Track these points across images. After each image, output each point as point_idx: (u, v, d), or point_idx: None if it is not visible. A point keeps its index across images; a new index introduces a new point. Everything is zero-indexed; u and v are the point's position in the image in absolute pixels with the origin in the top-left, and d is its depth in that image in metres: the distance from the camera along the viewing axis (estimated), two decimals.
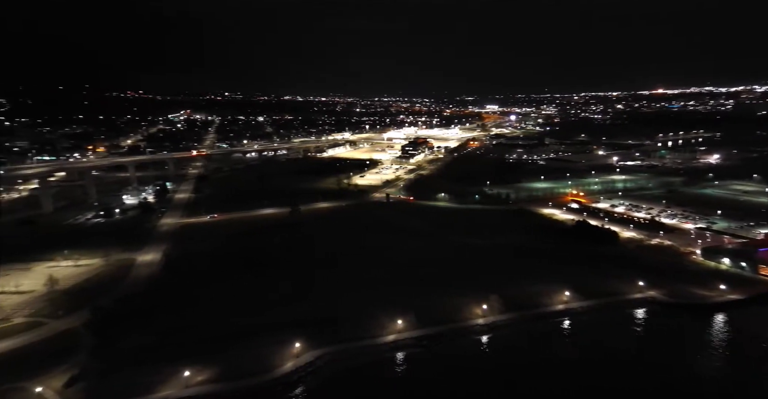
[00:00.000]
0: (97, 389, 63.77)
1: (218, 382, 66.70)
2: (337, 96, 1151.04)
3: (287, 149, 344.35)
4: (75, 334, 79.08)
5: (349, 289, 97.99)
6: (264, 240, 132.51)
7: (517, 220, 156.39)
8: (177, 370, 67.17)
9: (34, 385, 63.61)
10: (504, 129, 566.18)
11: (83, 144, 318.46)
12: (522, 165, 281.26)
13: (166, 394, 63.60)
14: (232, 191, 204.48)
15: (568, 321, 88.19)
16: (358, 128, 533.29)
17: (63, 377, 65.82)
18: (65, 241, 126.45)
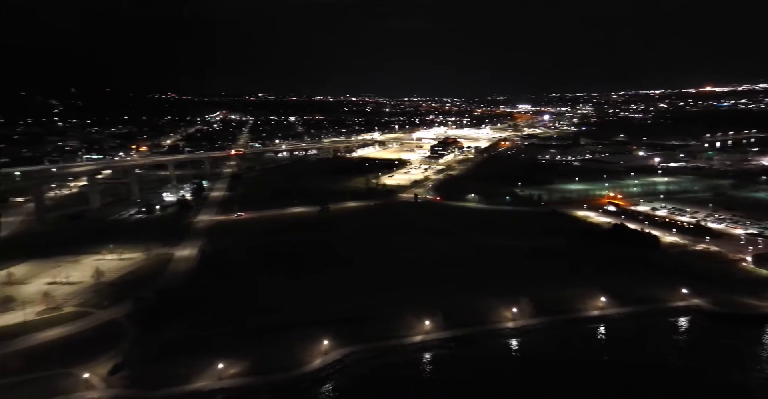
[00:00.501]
0: (139, 377, 67.13)
1: (250, 375, 68.72)
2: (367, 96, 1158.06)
3: (317, 149, 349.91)
4: (119, 324, 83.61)
5: (376, 289, 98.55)
6: (294, 238, 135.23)
7: (550, 222, 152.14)
8: (211, 362, 69.72)
9: (81, 371, 67.72)
10: (537, 129, 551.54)
11: (128, 143, 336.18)
12: (555, 166, 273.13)
13: (201, 385, 66.17)
14: (264, 190, 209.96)
15: (603, 327, 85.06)
16: (388, 128, 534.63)
17: (108, 365, 69.72)
18: (110, 236, 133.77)
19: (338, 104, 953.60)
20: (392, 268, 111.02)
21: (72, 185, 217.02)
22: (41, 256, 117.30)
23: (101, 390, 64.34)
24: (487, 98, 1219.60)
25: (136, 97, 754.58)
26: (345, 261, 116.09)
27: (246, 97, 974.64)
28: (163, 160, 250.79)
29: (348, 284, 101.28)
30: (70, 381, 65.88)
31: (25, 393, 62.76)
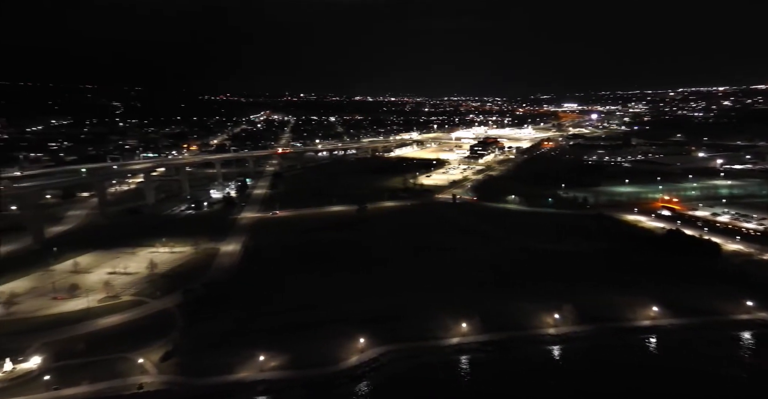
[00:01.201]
0: (187, 365, 71.03)
1: (288, 368, 70.88)
2: (406, 96, 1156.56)
3: (356, 149, 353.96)
4: (170, 314, 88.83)
5: (412, 289, 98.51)
6: (332, 236, 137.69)
7: (596, 225, 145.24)
8: (253, 354, 72.53)
9: (136, 357, 72.75)
10: (583, 128, 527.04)
11: (180, 143, 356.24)
12: (603, 167, 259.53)
13: (243, 376, 69.03)
14: (304, 188, 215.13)
15: (654, 338, 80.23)
16: (426, 128, 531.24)
17: (159, 351, 74.35)
18: (163, 230, 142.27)
19: (377, 104, 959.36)
20: (428, 268, 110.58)
21: (130, 182, 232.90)
22: (103, 247, 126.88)
23: (154, 375, 68.69)
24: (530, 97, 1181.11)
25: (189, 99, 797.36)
26: (381, 260, 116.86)
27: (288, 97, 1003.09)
28: (210, 158, 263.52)
29: (384, 283, 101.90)
30: (127, 365, 70.89)
31: (89, 374, 68.14)
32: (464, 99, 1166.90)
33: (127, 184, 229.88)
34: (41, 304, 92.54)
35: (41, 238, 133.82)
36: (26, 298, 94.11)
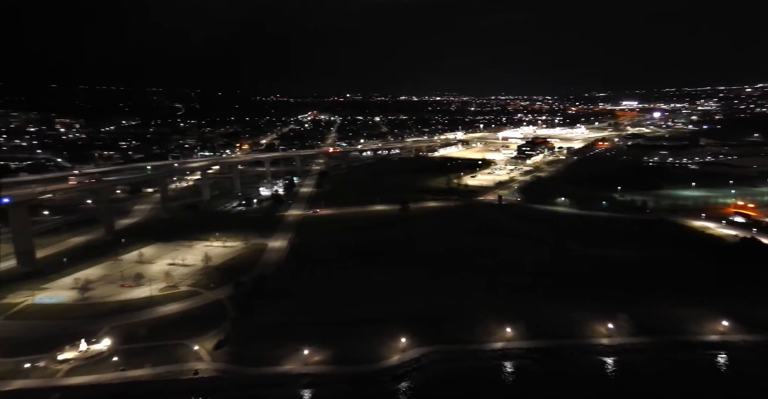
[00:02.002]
0: (238, 355, 74.78)
1: (331, 364, 72.67)
2: (452, 95, 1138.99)
3: (400, 148, 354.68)
4: (222, 305, 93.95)
5: (454, 290, 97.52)
6: (374, 235, 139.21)
7: (656, 231, 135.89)
8: (298, 348, 75.00)
9: (192, 344, 77.66)
10: (644, 128, 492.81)
11: (233, 142, 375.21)
12: (665, 169, 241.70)
13: (289, 368, 71.69)
14: (349, 187, 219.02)
15: (723, 356, 73.97)
16: (472, 127, 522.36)
17: (213, 340, 78.86)
18: (217, 225, 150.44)
19: (422, 104, 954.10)
20: (471, 270, 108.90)
21: (189, 179, 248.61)
22: (164, 239, 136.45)
23: (208, 362, 73.01)
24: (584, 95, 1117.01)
25: (243, 100, 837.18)
26: (423, 260, 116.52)
27: (334, 97, 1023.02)
28: (260, 157, 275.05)
29: (426, 283, 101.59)
30: (184, 351, 75.89)
31: (151, 358, 73.76)
32: (512, 98, 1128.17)
33: (186, 181, 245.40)
34: (111, 290, 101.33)
35: (112, 229, 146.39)
36: (99, 285, 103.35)
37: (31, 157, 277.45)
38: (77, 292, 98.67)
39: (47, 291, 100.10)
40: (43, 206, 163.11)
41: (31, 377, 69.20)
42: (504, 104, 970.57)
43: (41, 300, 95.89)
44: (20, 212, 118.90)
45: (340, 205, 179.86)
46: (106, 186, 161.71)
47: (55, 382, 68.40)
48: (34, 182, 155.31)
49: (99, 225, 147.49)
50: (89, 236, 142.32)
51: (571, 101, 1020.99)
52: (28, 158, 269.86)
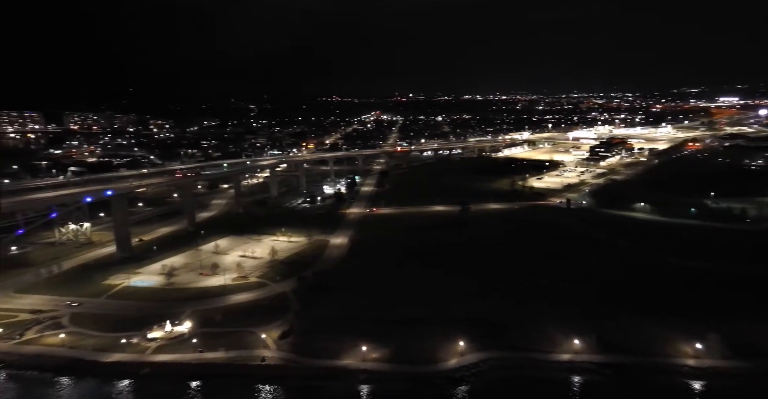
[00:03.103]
0: (301, 345, 78.78)
1: (389, 362, 73.88)
2: (518, 94, 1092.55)
3: (462, 148, 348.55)
4: (286, 297, 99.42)
5: (516, 296, 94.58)
6: (434, 235, 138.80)
7: (758, 244, 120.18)
8: (356, 344, 77.15)
9: (260, 332, 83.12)
10: (745, 127, 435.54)
11: (300, 141, 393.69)
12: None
13: (347, 363, 74.09)
14: (409, 187, 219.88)
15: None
16: (539, 127, 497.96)
17: (278, 330, 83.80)
18: (283, 221, 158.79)
19: (486, 103, 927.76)
20: (535, 275, 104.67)
21: (259, 176, 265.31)
22: (237, 232, 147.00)
23: (274, 351, 77.79)
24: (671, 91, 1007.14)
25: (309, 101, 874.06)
26: (483, 263, 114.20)
27: (397, 97, 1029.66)
28: (324, 156, 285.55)
29: (485, 287, 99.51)
30: (253, 338, 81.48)
31: (224, 342, 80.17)
32: (585, 96, 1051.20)
33: (257, 178, 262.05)
34: (192, 277, 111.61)
35: (193, 222, 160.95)
36: (181, 272, 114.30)
37: (129, 154, 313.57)
38: (164, 278, 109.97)
39: (140, 275, 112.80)
40: (137, 199, 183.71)
41: (126, 351, 78.65)
42: (576, 102, 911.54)
43: (135, 283, 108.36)
44: (120, 204, 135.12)
45: (400, 205, 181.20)
46: (190, 182, 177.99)
47: (145, 357, 77.10)
48: (131, 177, 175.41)
49: (182, 217, 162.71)
50: (174, 227, 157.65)
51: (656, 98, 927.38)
52: (126, 155, 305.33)
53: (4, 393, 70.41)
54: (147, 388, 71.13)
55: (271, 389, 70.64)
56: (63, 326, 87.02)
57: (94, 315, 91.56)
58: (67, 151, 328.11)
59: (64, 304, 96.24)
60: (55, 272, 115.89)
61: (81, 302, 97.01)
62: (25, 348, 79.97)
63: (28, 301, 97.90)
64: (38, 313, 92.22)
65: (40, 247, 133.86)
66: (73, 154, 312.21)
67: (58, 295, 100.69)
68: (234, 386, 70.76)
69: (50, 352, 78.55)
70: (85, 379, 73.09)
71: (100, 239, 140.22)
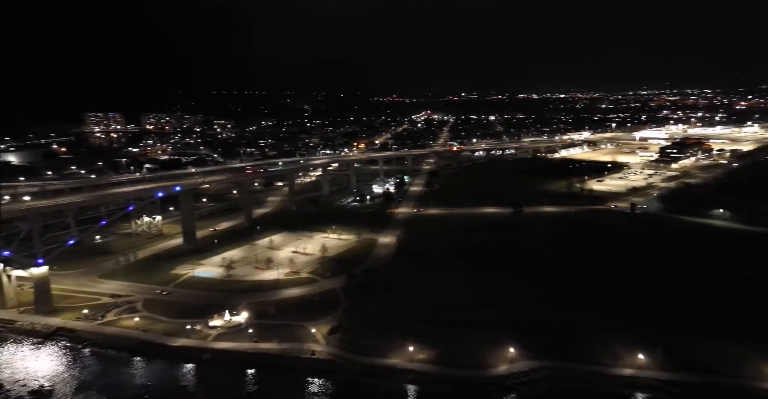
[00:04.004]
0: (349, 342, 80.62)
1: (436, 364, 73.52)
2: (579, 92, 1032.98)
3: (516, 149, 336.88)
4: (335, 294, 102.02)
5: (573, 304, 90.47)
6: (484, 237, 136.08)
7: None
8: (403, 344, 77.54)
9: (310, 326, 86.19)
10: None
11: (351, 141, 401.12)
12: None
13: (394, 362, 74.72)
14: (459, 187, 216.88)
15: None
16: (601, 127, 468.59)
17: (327, 325, 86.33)
18: (333, 218, 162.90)
19: (543, 102, 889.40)
20: (593, 283, 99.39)
21: (311, 174, 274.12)
22: (290, 229, 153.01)
23: (323, 346, 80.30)
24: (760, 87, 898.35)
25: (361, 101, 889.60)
26: (535, 268, 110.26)
27: (449, 97, 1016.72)
28: (374, 156, 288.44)
29: (538, 293, 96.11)
30: (303, 332, 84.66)
31: (277, 334, 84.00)
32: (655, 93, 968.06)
33: (309, 177, 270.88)
34: (248, 271, 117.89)
35: (250, 217, 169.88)
36: (239, 265, 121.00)
37: (196, 152, 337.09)
38: (223, 270, 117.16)
39: (203, 266, 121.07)
40: (202, 194, 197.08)
41: (190, 337, 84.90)
42: (644, 100, 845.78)
43: (198, 273, 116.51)
44: (187, 199, 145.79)
45: (449, 206, 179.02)
46: (248, 179, 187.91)
47: (207, 344, 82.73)
48: (197, 174, 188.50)
49: (240, 213, 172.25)
50: (233, 222, 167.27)
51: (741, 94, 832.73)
52: (193, 153, 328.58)
53: (89, 368, 78.78)
54: (208, 373, 76.32)
55: (320, 383, 72.94)
56: (137, 310, 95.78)
57: (163, 301, 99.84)
58: (143, 149, 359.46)
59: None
60: (131, 260, 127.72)
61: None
62: (106, 329, 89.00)
63: (108, 286, 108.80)
64: (117, 297, 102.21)
65: (119, 237, 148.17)
66: (147, 152, 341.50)
67: (134, 281, 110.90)
68: (286, 377, 73.98)
69: (126, 333, 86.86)
70: (155, 360, 79.88)
71: (169, 231, 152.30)
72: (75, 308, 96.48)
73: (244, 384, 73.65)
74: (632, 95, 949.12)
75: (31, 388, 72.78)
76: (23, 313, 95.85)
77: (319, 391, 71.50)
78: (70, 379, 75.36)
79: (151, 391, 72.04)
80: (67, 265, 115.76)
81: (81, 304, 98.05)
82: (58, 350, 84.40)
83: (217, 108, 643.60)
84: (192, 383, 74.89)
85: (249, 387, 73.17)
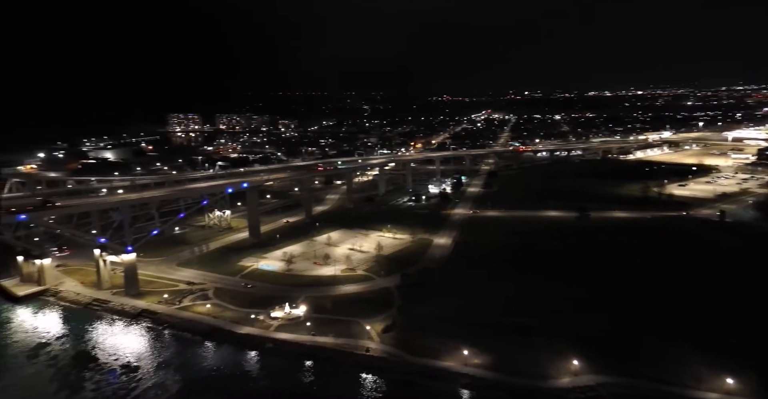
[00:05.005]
0: (402, 341, 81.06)
1: (492, 370, 71.60)
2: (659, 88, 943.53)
3: (583, 149, 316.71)
4: (390, 292, 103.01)
5: (646, 318, 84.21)
6: (545, 242, 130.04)
7: None
8: (457, 347, 76.43)
9: (365, 323, 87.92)
10: None
11: (408, 141, 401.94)
12: None
13: (448, 365, 73.90)
14: (519, 189, 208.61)
15: None
16: (685, 126, 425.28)
17: (381, 323, 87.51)
18: (389, 217, 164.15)
19: (617, 99, 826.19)
20: (670, 298, 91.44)
21: (369, 174, 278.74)
22: (347, 226, 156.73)
23: (377, 343, 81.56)
24: None
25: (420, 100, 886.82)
26: (601, 276, 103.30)
27: (511, 95, 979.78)
28: (431, 155, 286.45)
29: (603, 303, 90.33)
30: (358, 329, 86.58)
31: (334, 329, 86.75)
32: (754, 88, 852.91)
33: (366, 176, 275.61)
34: (307, 266, 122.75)
35: (310, 214, 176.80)
36: (298, 260, 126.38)
37: (262, 151, 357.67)
38: (284, 264, 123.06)
39: (266, 260, 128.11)
40: (266, 191, 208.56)
41: (254, 326, 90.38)
42: (740, 96, 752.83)
43: (262, 266, 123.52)
44: (253, 195, 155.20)
45: (508, 208, 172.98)
46: (309, 177, 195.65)
47: (269, 334, 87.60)
48: (263, 171, 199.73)
49: (301, 210, 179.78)
50: (294, 218, 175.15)
51: None
52: (259, 152, 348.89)
53: (167, 348, 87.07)
54: (270, 361, 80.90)
55: (374, 379, 74.20)
56: (208, 298, 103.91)
57: (231, 291, 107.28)
58: (216, 147, 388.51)
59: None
60: (204, 251, 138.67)
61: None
62: (182, 313, 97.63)
63: (185, 274, 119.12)
64: (192, 284, 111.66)
65: (193, 229, 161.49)
66: (220, 151, 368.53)
67: (206, 271, 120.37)
68: (341, 371, 76.21)
69: (199, 318, 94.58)
70: (223, 345, 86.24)
71: (236, 225, 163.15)
72: (157, 293, 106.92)
73: (302, 374, 76.99)
74: (725, 91, 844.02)
75: (122, 363, 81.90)
76: (115, 295, 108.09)
77: (372, 388, 72.79)
78: (153, 357, 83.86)
79: (220, 373, 77.90)
80: (150, 253, 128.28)
81: (162, 289, 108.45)
82: (143, 330, 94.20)
83: (282, 108, 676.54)
84: (255, 369, 79.94)
85: (306, 377, 76.42)
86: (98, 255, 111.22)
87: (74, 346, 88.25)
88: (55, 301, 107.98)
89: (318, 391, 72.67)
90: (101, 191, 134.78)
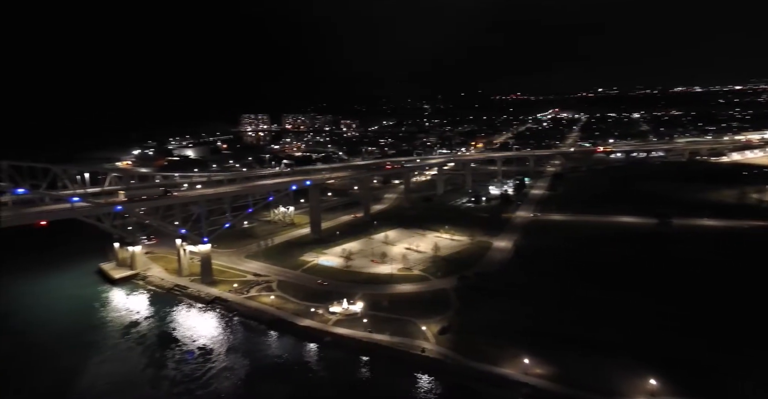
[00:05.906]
0: (459, 344, 79.86)
1: (556, 382, 68.21)
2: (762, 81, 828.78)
3: (666, 150, 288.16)
4: (446, 294, 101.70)
5: (734, 339, 75.56)
6: (618, 250, 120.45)
7: None
8: (517, 354, 73.75)
9: (420, 324, 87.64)
10: None
11: (469, 140, 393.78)
12: None
13: (507, 373, 71.69)
14: (588, 192, 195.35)
15: None
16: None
17: (438, 325, 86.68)
18: (447, 218, 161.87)
19: (709, 95, 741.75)
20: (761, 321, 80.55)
21: (427, 173, 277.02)
22: (404, 226, 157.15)
23: (433, 344, 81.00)
24: None
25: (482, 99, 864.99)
26: (683, 291, 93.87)
27: (582, 93, 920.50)
28: (493, 156, 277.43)
29: (686, 321, 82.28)
30: (414, 329, 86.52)
31: (390, 327, 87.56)
32: None
33: (425, 175, 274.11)
34: (364, 263, 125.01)
35: (369, 212, 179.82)
36: (356, 257, 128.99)
37: (324, 150, 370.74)
38: (343, 260, 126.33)
39: (326, 255, 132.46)
40: (327, 189, 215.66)
41: (314, 319, 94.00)
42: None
43: (322, 262, 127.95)
44: (315, 192, 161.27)
45: (575, 212, 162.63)
46: (368, 176, 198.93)
47: (327, 327, 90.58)
48: (325, 170, 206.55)
49: (360, 208, 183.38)
50: (353, 216, 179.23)
51: None
52: (322, 151, 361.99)
53: (236, 335, 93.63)
54: (328, 354, 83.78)
55: (429, 380, 73.86)
56: (272, 290, 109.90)
57: (293, 284, 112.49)
58: (282, 146, 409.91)
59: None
60: (269, 245, 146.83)
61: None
62: (249, 302, 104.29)
63: (252, 266, 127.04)
64: (258, 276, 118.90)
65: (260, 223, 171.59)
66: (285, 149, 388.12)
67: (271, 263, 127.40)
68: (396, 369, 76.83)
69: (264, 308, 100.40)
70: (285, 335, 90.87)
71: (299, 221, 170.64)
72: (228, 282, 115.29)
73: (359, 369, 78.74)
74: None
75: (198, 344, 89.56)
76: (193, 282, 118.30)
77: (427, 389, 72.45)
78: (224, 341, 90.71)
79: (283, 362, 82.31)
80: (222, 245, 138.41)
81: (232, 279, 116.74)
82: (215, 315, 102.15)
83: (344, 108, 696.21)
84: (314, 361, 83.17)
85: (362, 373, 78.04)
86: (179, 244, 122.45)
87: (159, 326, 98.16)
88: (144, 284, 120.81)
89: (374, 386, 73.93)
90: (182, 186, 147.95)
